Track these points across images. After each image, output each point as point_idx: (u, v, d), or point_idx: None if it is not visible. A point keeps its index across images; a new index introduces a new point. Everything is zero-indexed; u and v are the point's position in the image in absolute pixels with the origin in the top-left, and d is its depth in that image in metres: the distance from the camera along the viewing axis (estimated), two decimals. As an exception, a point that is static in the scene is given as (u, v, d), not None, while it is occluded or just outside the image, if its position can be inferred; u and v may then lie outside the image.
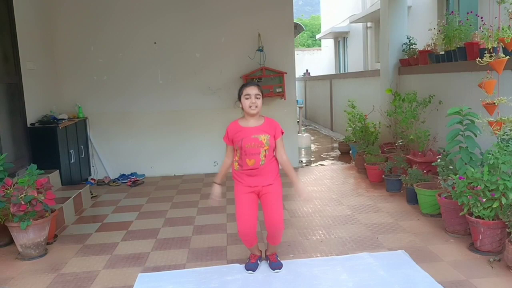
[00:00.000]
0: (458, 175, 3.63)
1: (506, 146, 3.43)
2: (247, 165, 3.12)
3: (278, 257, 3.41)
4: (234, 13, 6.75)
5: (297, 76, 12.48)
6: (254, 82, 3.30)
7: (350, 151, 7.76)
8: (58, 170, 5.40)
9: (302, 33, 26.73)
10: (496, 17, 3.83)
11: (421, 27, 8.32)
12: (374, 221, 4.32)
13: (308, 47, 30.83)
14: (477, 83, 3.94)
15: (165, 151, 6.90)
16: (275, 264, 3.34)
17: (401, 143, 5.86)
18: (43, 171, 4.02)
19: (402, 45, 6.64)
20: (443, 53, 5.32)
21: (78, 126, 6.23)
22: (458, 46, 4.95)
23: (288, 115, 6.99)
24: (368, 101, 7.63)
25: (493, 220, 3.36)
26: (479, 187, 3.38)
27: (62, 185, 5.44)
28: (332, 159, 7.90)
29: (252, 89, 3.16)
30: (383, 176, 5.49)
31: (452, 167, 4.03)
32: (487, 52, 3.73)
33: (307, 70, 18.20)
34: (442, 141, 5.02)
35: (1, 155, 4.05)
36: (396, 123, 6.11)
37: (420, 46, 6.30)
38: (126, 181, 6.51)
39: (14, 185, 3.74)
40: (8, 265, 3.63)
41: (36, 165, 3.95)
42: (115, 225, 4.60)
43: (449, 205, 3.81)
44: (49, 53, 6.37)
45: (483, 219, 3.38)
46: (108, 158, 6.79)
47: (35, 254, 3.75)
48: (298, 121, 8.73)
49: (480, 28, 4.51)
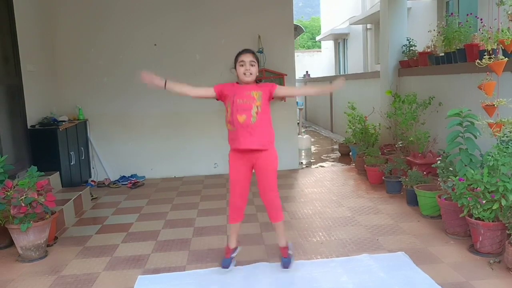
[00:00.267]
0: (458, 177, 3.63)
1: (506, 147, 3.43)
2: (238, 122, 3.07)
3: (290, 249, 3.36)
4: (234, 14, 6.75)
5: (297, 78, 12.49)
6: (249, 49, 3.28)
7: (350, 153, 7.76)
8: (58, 172, 5.40)
9: (302, 35, 26.75)
10: (495, 19, 3.83)
11: (421, 29, 8.34)
12: (374, 223, 4.32)
13: (308, 48, 30.89)
14: (476, 84, 3.94)
15: (165, 153, 6.91)
16: (284, 261, 3.31)
17: (401, 145, 5.87)
18: (43, 173, 4.03)
19: (402, 47, 6.65)
20: (443, 54, 5.33)
21: (78, 128, 6.24)
22: (458, 48, 4.96)
23: (288, 116, 6.99)
24: (368, 103, 7.64)
25: (493, 221, 3.36)
26: (479, 188, 3.39)
27: (63, 187, 5.44)
28: (332, 161, 7.90)
29: (246, 56, 3.16)
30: (383, 177, 5.49)
31: (452, 169, 4.03)
32: (486, 54, 3.74)
33: (307, 72, 18.23)
34: (442, 143, 5.03)
35: (1, 157, 4.05)
36: (396, 124, 6.12)
37: (420, 48, 6.30)
38: (126, 183, 6.51)
39: (14, 187, 3.74)
40: (8, 267, 3.64)
41: (36, 167, 3.95)
42: (115, 227, 4.61)
43: (449, 206, 3.82)
44: (50, 55, 6.37)
45: (483, 220, 3.38)
46: (108, 160, 6.80)
47: (35, 256, 3.75)
48: (298, 123, 8.75)
49: (479, 30, 4.51)
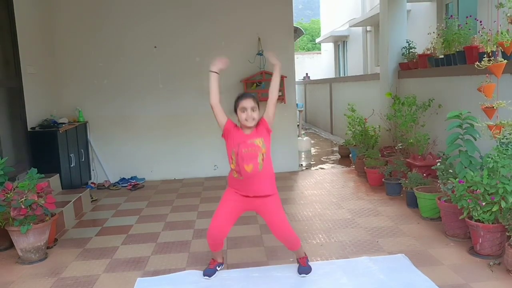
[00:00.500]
0: (457, 179, 3.63)
1: (506, 149, 3.44)
2: (245, 172, 2.97)
3: (308, 261, 3.37)
4: (234, 17, 6.77)
5: (297, 80, 12.51)
6: (249, 94, 3.26)
7: (350, 155, 7.76)
8: (58, 174, 5.40)
9: (302, 37, 26.78)
10: (495, 21, 3.84)
11: (420, 31, 8.35)
12: (374, 225, 4.32)
13: (308, 50, 30.91)
14: (476, 87, 3.95)
15: (165, 155, 6.91)
16: (302, 269, 3.30)
17: (400, 147, 5.87)
18: (43, 175, 4.03)
19: (402, 49, 6.66)
20: (443, 57, 5.33)
21: (78, 130, 6.24)
22: (457, 50, 4.96)
23: (288, 118, 7.01)
24: (368, 105, 7.64)
25: (492, 223, 3.36)
26: (478, 190, 3.39)
27: (62, 189, 5.44)
28: (332, 163, 7.91)
29: (248, 102, 3.10)
30: (383, 179, 5.49)
31: (451, 171, 4.04)
32: (486, 56, 3.75)
33: (307, 74, 18.23)
34: (441, 145, 5.03)
35: (1, 159, 4.06)
36: (395, 126, 6.12)
37: (419, 50, 6.31)
38: (126, 185, 6.51)
39: (14, 189, 3.74)
40: (8, 269, 3.64)
41: (36, 169, 3.95)
42: (115, 229, 4.60)
43: (449, 208, 3.82)
44: (50, 57, 6.38)
45: (482, 222, 3.38)
46: (108, 162, 6.80)
47: (35, 258, 3.75)
48: (298, 125, 8.74)
49: (479, 32, 4.52)
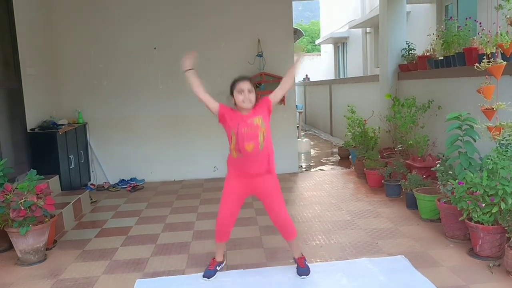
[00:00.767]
0: (457, 180, 3.63)
1: (505, 151, 3.44)
2: (246, 152, 3.03)
3: (306, 261, 3.36)
4: (234, 18, 6.77)
5: (296, 81, 12.51)
6: (246, 76, 3.29)
7: (350, 156, 7.76)
8: (57, 176, 5.39)
9: (302, 38, 26.76)
10: (494, 23, 3.84)
11: (420, 33, 8.36)
12: (374, 226, 4.32)
13: (308, 52, 30.92)
14: (475, 88, 3.95)
15: (165, 156, 6.91)
16: (301, 270, 3.30)
17: (400, 148, 5.87)
18: (42, 176, 4.03)
19: (401, 51, 6.67)
20: (442, 58, 5.34)
21: (78, 132, 6.24)
22: (457, 52, 4.97)
23: (287, 120, 7.00)
24: (368, 106, 7.64)
25: (492, 225, 3.36)
26: (478, 192, 3.39)
27: (62, 190, 5.44)
28: (332, 164, 7.91)
29: (244, 84, 3.17)
30: (382, 181, 5.49)
31: (451, 172, 4.04)
32: (485, 57, 3.75)
33: (306, 75, 18.23)
34: (441, 146, 5.03)
35: (1, 160, 4.06)
36: (395, 128, 6.12)
37: (419, 52, 6.32)
38: (126, 186, 6.51)
39: (13, 191, 3.74)
40: (7, 271, 3.63)
41: (35, 170, 3.94)
42: (114, 230, 4.60)
43: (449, 210, 3.81)
44: (49, 59, 6.38)
45: (482, 224, 3.38)
46: (107, 163, 6.79)
47: (34, 260, 3.74)
48: (298, 126, 8.75)
49: (478, 34, 4.53)
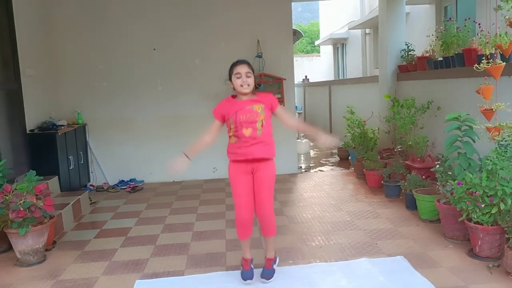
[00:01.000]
0: (456, 181, 3.63)
1: (504, 152, 3.44)
2: (244, 136, 3.02)
3: (275, 263, 3.29)
4: (234, 19, 6.77)
5: (296, 82, 12.51)
6: (244, 60, 3.25)
7: (349, 157, 7.76)
8: (57, 176, 5.39)
9: (301, 40, 26.82)
10: (493, 24, 3.85)
11: (419, 34, 8.36)
12: (373, 227, 4.32)
13: (307, 53, 30.96)
14: (475, 89, 3.96)
15: (164, 157, 6.84)
16: (266, 272, 3.21)
17: (400, 149, 5.87)
18: (42, 177, 4.02)
19: (401, 52, 6.67)
20: (441, 59, 5.34)
21: (77, 132, 6.24)
22: (456, 53, 4.97)
23: (287, 121, 6.99)
24: (367, 107, 7.65)
25: (492, 225, 3.36)
26: (477, 192, 3.39)
27: (61, 191, 5.43)
28: (331, 165, 7.91)
29: (242, 67, 3.12)
30: (382, 182, 5.49)
31: (450, 173, 4.03)
32: (484, 58, 3.75)
33: (306, 76, 18.25)
34: (440, 147, 5.03)
35: (0, 161, 4.05)
36: (395, 129, 6.13)
37: (418, 53, 6.32)
38: (125, 187, 6.50)
39: (13, 192, 3.74)
40: (6, 272, 3.63)
41: (35, 171, 3.94)
42: (114, 231, 4.60)
43: (448, 210, 3.81)
44: (49, 59, 6.38)
45: (482, 224, 3.38)
46: (107, 164, 6.79)
47: (33, 261, 3.74)
48: (297, 127, 8.73)
49: (477, 35, 4.53)
